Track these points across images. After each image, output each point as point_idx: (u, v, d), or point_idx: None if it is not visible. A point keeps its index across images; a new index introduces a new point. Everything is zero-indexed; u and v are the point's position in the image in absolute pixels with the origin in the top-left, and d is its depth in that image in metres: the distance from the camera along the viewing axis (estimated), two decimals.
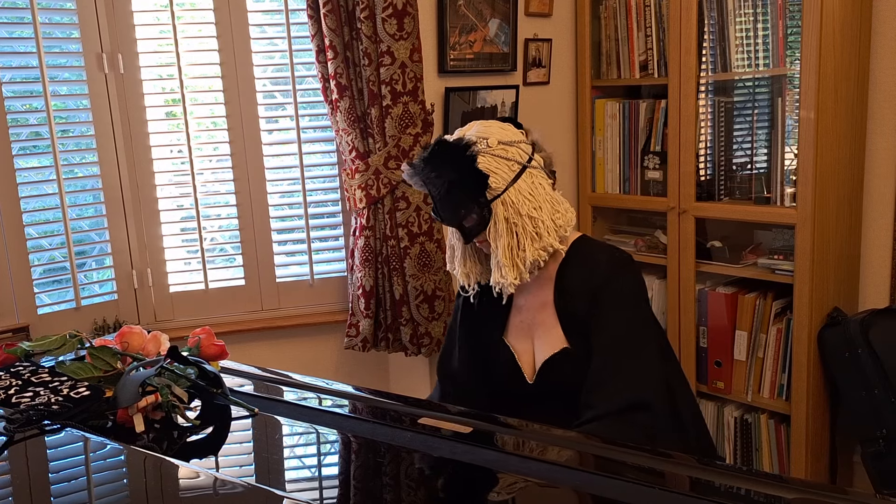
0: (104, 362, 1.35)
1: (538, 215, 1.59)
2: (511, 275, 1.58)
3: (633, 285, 1.65)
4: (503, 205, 1.58)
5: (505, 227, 1.58)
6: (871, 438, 2.34)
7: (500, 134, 1.61)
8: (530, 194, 1.60)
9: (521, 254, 1.59)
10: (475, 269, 1.71)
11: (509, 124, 1.66)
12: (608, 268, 1.63)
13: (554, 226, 1.61)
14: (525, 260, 1.58)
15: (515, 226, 1.58)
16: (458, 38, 2.55)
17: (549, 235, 1.59)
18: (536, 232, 1.59)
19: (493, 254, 1.61)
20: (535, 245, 1.58)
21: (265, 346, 2.59)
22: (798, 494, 1.06)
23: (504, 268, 1.58)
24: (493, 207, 1.58)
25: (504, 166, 1.58)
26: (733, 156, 2.60)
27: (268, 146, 2.54)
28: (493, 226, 1.59)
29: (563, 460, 1.20)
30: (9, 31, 2.22)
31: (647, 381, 1.56)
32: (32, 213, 2.29)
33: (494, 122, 1.65)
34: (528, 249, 1.58)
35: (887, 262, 2.53)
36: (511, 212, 1.58)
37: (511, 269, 1.58)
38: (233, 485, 1.05)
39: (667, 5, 2.61)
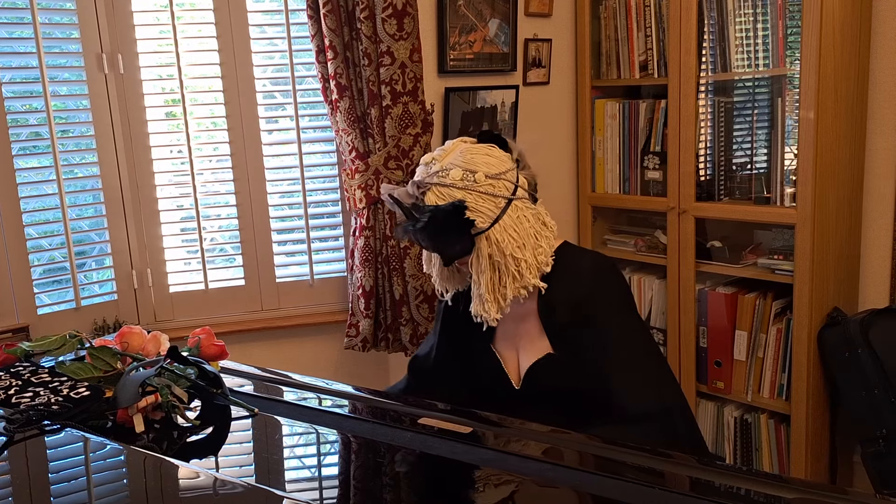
0: (104, 362, 1.35)
1: (521, 255, 1.58)
2: (493, 310, 1.58)
3: (619, 291, 1.65)
4: (487, 241, 1.56)
5: (488, 263, 1.57)
6: (871, 438, 2.34)
7: (486, 166, 1.57)
8: (514, 231, 1.58)
9: (501, 290, 1.58)
10: (454, 278, 1.70)
11: (495, 147, 1.62)
12: (592, 277, 1.62)
13: (536, 262, 1.60)
14: (505, 297, 1.58)
15: (498, 263, 1.57)
16: (458, 38, 2.55)
17: (530, 273, 1.59)
18: (518, 271, 1.58)
19: (475, 285, 1.59)
20: (515, 284, 1.58)
21: (265, 346, 2.59)
22: (798, 494, 1.07)
23: (486, 302, 1.58)
24: (476, 241, 1.57)
25: (490, 203, 1.56)
26: (733, 156, 2.60)
27: (268, 146, 2.54)
28: (476, 259, 1.58)
29: (563, 460, 1.20)
30: (9, 31, 2.22)
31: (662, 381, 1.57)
32: (32, 213, 2.29)
33: (481, 147, 1.61)
34: (509, 287, 1.58)
35: (887, 262, 2.53)
36: (494, 249, 1.56)
37: (492, 304, 1.58)
38: (233, 485, 1.05)
39: (667, 5, 2.61)
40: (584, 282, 1.61)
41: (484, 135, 1.65)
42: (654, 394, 1.55)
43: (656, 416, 1.52)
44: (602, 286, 1.62)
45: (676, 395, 1.64)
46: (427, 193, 1.56)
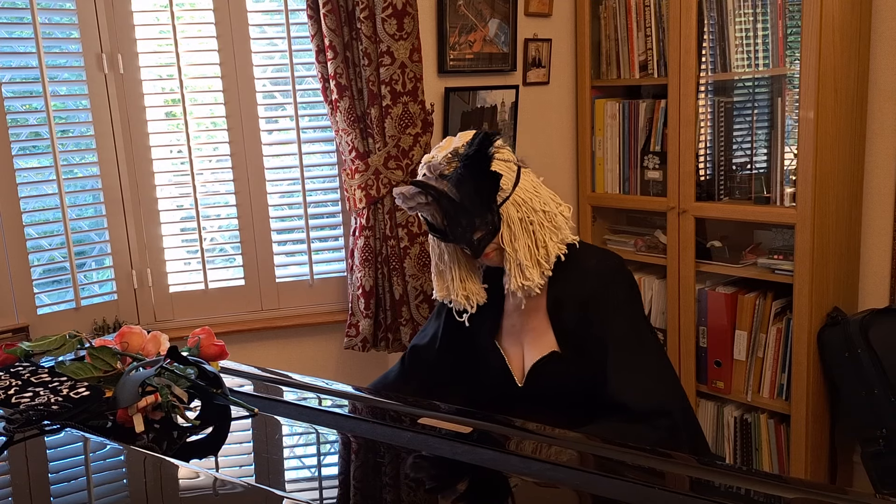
0: (104, 362, 1.35)
1: (551, 209, 1.58)
2: (535, 275, 1.56)
3: (627, 289, 1.64)
4: (514, 205, 1.56)
5: (520, 227, 1.56)
6: (870, 438, 2.34)
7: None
8: (535, 190, 1.59)
9: (541, 251, 1.57)
10: (474, 289, 1.67)
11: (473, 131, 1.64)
12: (601, 274, 1.62)
13: (564, 219, 1.61)
14: (548, 257, 1.57)
15: (531, 223, 1.56)
16: (458, 38, 2.55)
17: (565, 228, 1.59)
18: (554, 224, 1.58)
19: (511, 258, 1.57)
20: (554, 239, 1.58)
21: (265, 346, 2.59)
22: (798, 494, 1.07)
23: (527, 269, 1.56)
24: (503, 212, 1.56)
25: (505, 168, 1.57)
26: (733, 156, 2.60)
27: (268, 146, 2.54)
28: (507, 229, 1.57)
29: (563, 460, 1.20)
30: (9, 31, 2.22)
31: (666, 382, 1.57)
32: (32, 213, 2.29)
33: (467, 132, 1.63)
34: (550, 244, 1.57)
35: (887, 262, 2.53)
36: (524, 210, 1.56)
37: (534, 268, 1.56)
38: (233, 485, 1.05)
39: (667, 5, 2.61)
40: (593, 280, 1.61)
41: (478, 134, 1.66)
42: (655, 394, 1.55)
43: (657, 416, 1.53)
44: (610, 285, 1.61)
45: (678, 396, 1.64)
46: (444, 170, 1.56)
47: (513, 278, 1.58)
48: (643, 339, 1.62)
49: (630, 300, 1.64)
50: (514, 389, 1.69)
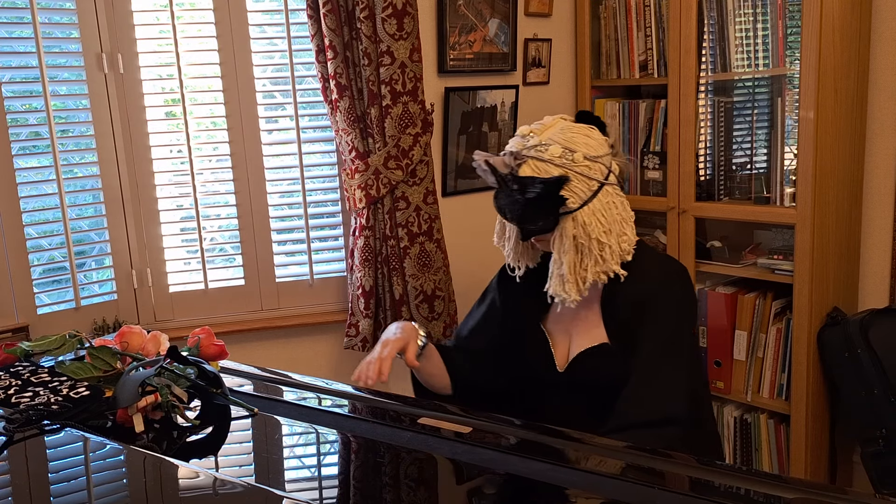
0: (104, 362, 1.34)
1: (606, 240, 1.57)
2: (573, 292, 1.58)
3: (681, 300, 1.63)
4: (573, 221, 1.56)
5: (571, 243, 1.57)
6: (870, 438, 2.34)
7: (585, 146, 1.57)
8: (602, 215, 1.57)
9: (582, 272, 1.58)
10: (526, 254, 1.71)
11: (595, 129, 1.62)
12: (661, 281, 1.62)
13: (619, 250, 1.59)
14: (585, 280, 1.58)
15: (582, 245, 1.57)
16: (458, 38, 2.55)
17: (612, 259, 1.58)
18: (601, 256, 1.57)
19: (556, 264, 1.60)
20: (597, 268, 1.58)
21: (265, 346, 2.59)
22: (798, 494, 1.06)
23: (567, 283, 1.58)
24: (561, 220, 1.57)
25: (583, 184, 1.56)
26: (733, 156, 2.60)
27: (267, 146, 2.54)
28: (559, 239, 1.58)
29: (564, 460, 1.19)
30: (9, 31, 2.22)
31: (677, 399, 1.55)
32: (32, 213, 2.29)
33: (581, 127, 1.61)
34: (590, 270, 1.58)
35: (887, 262, 2.53)
36: (580, 231, 1.56)
37: (573, 285, 1.58)
38: (233, 485, 1.05)
39: (667, 5, 2.61)
40: (653, 283, 1.61)
41: (583, 115, 1.64)
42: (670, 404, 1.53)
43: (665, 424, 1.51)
44: (668, 292, 1.61)
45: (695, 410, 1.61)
46: (523, 165, 1.56)
47: (553, 283, 1.61)
48: (680, 349, 1.60)
49: (683, 310, 1.63)
50: (553, 374, 1.69)
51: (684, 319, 1.64)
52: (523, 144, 1.58)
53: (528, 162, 1.56)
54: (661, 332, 1.58)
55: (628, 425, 1.52)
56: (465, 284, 2.66)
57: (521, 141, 1.59)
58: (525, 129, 1.61)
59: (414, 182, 2.42)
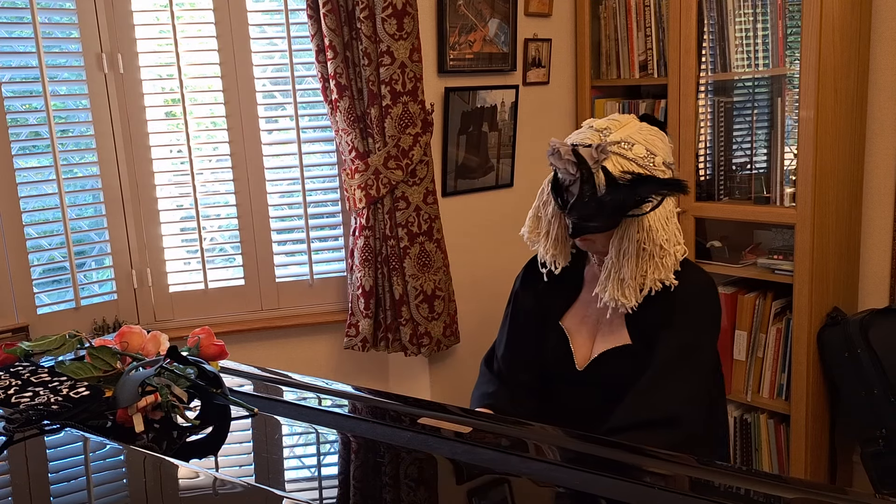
0: (104, 362, 1.34)
1: (668, 248, 1.55)
2: (633, 297, 1.56)
3: (708, 312, 1.62)
4: (639, 225, 1.53)
5: (635, 248, 1.54)
6: (870, 438, 2.34)
7: (664, 152, 1.55)
8: (665, 222, 1.56)
9: (640, 279, 1.56)
10: (564, 251, 1.68)
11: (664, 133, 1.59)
12: (693, 291, 1.60)
13: (674, 259, 1.58)
14: (643, 286, 1.56)
15: (644, 251, 1.54)
16: (458, 38, 2.55)
17: (669, 269, 1.57)
18: (662, 262, 1.55)
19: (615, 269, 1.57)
20: (656, 275, 1.55)
21: (265, 346, 2.59)
22: (798, 494, 1.06)
23: (628, 288, 1.55)
24: (624, 222, 1.54)
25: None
26: (733, 156, 2.60)
27: (267, 146, 2.54)
28: (620, 240, 1.55)
29: (564, 460, 1.19)
30: (9, 31, 2.22)
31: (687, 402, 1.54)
32: (32, 213, 2.29)
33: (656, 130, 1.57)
34: (649, 277, 1.55)
35: (887, 262, 2.53)
36: (644, 236, 1.54)
37: (633, 291, 1.55)
38: (232, 485, 1.05)
39: (667, 5, 2.61)
40: (684, 292, 1.59)
41: (647, 118, 1.62)
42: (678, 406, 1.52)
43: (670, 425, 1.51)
44: (697, 302, 1.60)
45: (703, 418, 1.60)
46: (607, 161, 1.51)
47: (611, 288, 1.57)
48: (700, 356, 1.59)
49: (707, 322, 1.62)
50: (571, 372, 1.68)
51: (707, 328, 1.62)
52: (601, 138, 1.53)
53: (611, 158, 1.51)
54: (683, 337, 1.57)
55: (632, 421, 1.51)
56: (465, 284, 2.66)
57: (597, 135, 1.54)
58: (601, 123, 1.57)
59: (414, 182, 2.42)
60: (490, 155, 2.71)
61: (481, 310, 2.69)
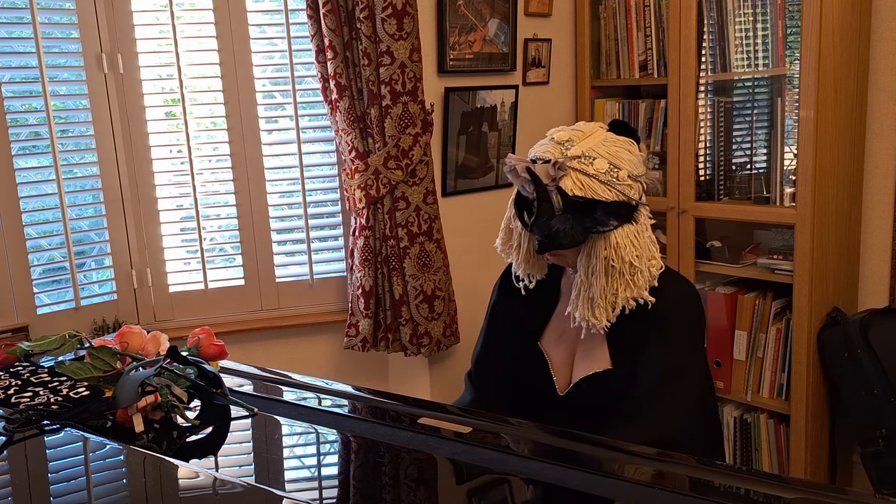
0: (104, 362, 1.34)
1: (638, 264, 1.49)
2: (603, 317, 1.49)
3: (693, 324, 1.58)
4: (605, 241, 1.48)
5: (602, 265, 1.48)
6: (870, 438, 2.34)
7: (630, 164, 1.49)
8: (635, 237, 1.49)
9: (611, 297, 1.49)
10: (538, 264, 1.63)
11: (634, 145, 1.53)
12: (674, 302, 1.55)
13: (648, 276, 1.51)
14: (615, 305, 1.50)
15: (613, 269, 1.48)
16: (458, 38, 2.55)
17: (642, 286, 1.50)
18: (633, 280, 1.49)
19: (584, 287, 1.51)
20: (627, 293, 1.49)
21: (265, 346, 2.59)
22: (798, 494, 1.06)
23: (598, 308, 1.49)
24: (590, 238, 1.49)
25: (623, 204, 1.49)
26: (733, 156, 2.60)
27: (267, 146, 2.54)
28: (588, 257, 1.49)
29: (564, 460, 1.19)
30: (8, 31, 2.22)
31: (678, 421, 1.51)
32: (32, 213, 2.29)
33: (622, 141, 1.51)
34: (620, 295, 1.49)
35: (887, 262, 2.53)
36: (612, 253, 1.47)
37: (604, 311, 1.49)
38: (232, 485, 1.05)
39: (666, 5, 2.61)
40: (665, 303, 1.53)
41: (618, 125, 1.55)
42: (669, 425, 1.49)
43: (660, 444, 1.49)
44: (680, 314, 1.55)
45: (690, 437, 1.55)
46: (565, 178, 1.45)
47: (581, 308, 1.52)
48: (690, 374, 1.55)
49: (692, 331, 1.58)
50: (552, 397, 1.62)
51: (694, 341, 1.58)
52: (562, 152, 1.48)
53: (570, 174, 1.45)
54: (671, 353, 1.52)
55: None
56: (465, 284, 2.66)
57: (558, 148, 1.49)
58: (562, 135, 1.51)
59: (414, 182, 2.42)
60: (490, 155, 2.71)
61: (481, 310, 2.68)
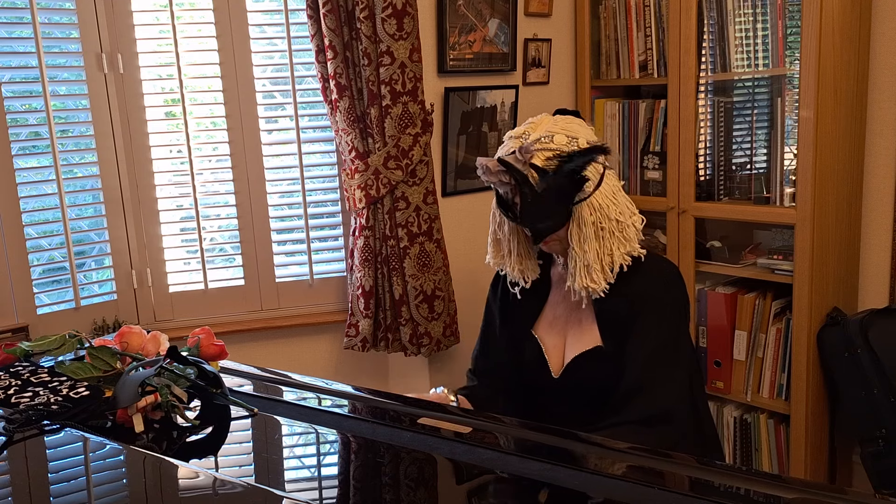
0: (103, 362, 1.34)
1: (623, 219, 1.57)
2: (602, 280, 1.56)
3: (677, 302, 1.63)
4: (590, 207, 1.55)
5: (592, 230, 1.55)
6: (870, 438, 2.34)
7: (586, 133, 1.58)
8: (614, 197, 1.57)
9: (607, 258, 1.56)
10: (530, 265, 1.70)
11: (582, 120, 1.62)
12: (656, 278, 1.61)
13: (635, 230, 1.59)
14: (612, 265, 1.56)
15: (602, 230, 1.55)
16: (458, 38, 2.55)
17: (633, 240, 1.58)
18: (624, 236, 1.56)
19: (578, 257, 1.57)
20: (621, 249, 1.56)
21: (265, 346, 2.59)
22: (797, 494, 1.06)
23: (595, 272, 1.55)
24: (575, 209, 1.55)
25: (592, 169, 1.55)
26: (733, 156, 2.60)
27: (267, 146, 2.54)
28: (578, 229, 1.56)
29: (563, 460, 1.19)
30: (8, 31, 2.22)
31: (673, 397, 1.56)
32: (32, 213, 2.29)
33: (571, 118, 1.61)
34: (616, 253, 1.56)
35: (887, 262, 2.53)
36: (598, 215, 1.55)
37: (601, 273, 1.55)
38: (232, 485, 1.05)
39: (666, 5, 2.61)
40: (648, 282, 1.60)
41: (562, 111, 1.64)
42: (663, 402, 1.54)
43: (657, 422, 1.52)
44: (662, 290, 1.61)
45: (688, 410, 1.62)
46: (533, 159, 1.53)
47: (578, 277, 1.58)
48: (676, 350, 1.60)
49: (678, 311, 1.63)
50: (548, 381, 1.69)
51: (681, 319, 1.64)
52: (523, 142, 1.56)
53: (536, 155, 1.53)
54: (659, 332, 1.58)
55: (624, 423, 1.52)
56: (465, 284, 2.66)
57: (518, 141, 1.57)
58: (518, 131, 1.60)
59: (414, 182, 2.42)
60: (490, 155, 2.70)
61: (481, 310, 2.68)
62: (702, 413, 1.73)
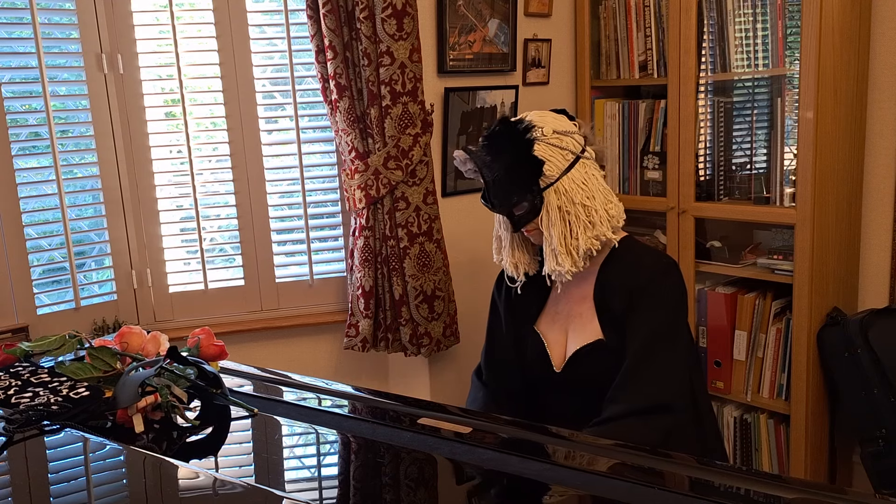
0: (103, 362, 1.35)
1: (591, 204, 1.61)
2: (567, 262, 1.60)
3: (673, 291, 1.66)
4: (556, 193, 1.60)
5: (557, 215, 1.60)
6: (870, 438, 2.34)
7: (554, 123, 1.63)
8: (583, 183, 1.62)
9: (573, 242, 1.60)
10: (524, 259, 1.74)
11: (563, 116, 1.68)
12: (652, 271, 1.64)
13: (607, 216, 1.63)
14: (578, 248, 1.60)
15: (568, 214, 1.60)
16: (458, 39, 2.55)
17: (602, 225, 1.61)
18: (590, 221, 1.60)
19: (547, 242, 1.63)
20: (587, 234, 1.60)
21: (264, 346, 2.59)
22: (797, 494, 1.07)
23: (560, 255, 1.61)
24: (545, 196, 1.61)
25: (558, 155, 1.61)
26: (733, 156, 2.60)
27: (267, 146, 2.54)
28: (546, 214, 1.61)
29: (564, 460, 1.19)
30: (8, 31, 2.22)
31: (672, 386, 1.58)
32: (32, 213, 2.29)
33: (548, 112, 1.68)
34: (581, 238, 1.60)
35: (887, 262, 2.53)
36: (564, 200, 1.60)
37: (566, 256, 1.60)
38: (232, 485, 1.05)
39: (666, 5, 2.61)
40: (645, 273, 1.63)
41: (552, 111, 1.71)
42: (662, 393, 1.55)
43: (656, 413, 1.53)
44: (659, 281, 1.64)
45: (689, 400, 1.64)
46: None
47: (547, 261, 1.64)
48: (675, 337, 1.62)
49: (675, 301, 1.65)
50: (551, 375, 1.71)
51: (678, 308, 1.66)
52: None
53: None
54: (656, 320, 1.60)
55: (624, 413, 1.53)
56: (465, 285, 2.66)
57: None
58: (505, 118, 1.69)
59: (414, 182, 2.42)
60: None
61: (481, 310, 2.68)
62: (702, 409, 1.73)
